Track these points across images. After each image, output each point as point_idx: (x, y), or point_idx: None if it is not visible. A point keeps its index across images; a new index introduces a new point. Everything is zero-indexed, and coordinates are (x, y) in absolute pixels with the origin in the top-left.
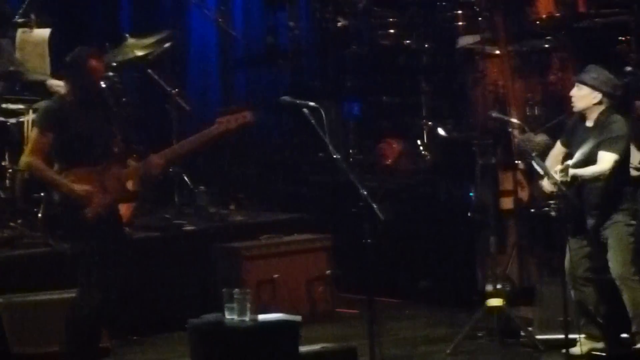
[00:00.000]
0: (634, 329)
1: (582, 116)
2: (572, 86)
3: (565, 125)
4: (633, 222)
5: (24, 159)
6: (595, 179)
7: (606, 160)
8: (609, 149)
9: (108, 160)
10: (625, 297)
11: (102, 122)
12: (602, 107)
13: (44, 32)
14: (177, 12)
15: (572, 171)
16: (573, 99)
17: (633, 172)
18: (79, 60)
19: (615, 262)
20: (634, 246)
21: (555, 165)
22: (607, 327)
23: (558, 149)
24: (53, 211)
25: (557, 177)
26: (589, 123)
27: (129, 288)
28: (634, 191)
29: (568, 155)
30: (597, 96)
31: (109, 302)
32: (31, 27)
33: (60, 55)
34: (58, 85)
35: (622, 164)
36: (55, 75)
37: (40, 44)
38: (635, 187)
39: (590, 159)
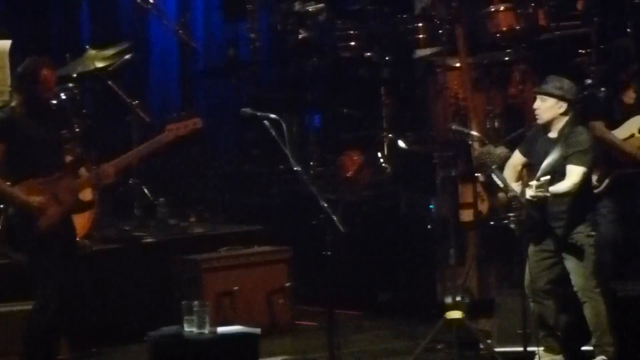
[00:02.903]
0: (594, 341)
1: (544, 127)
2: (533, 99)
3: (525, 135)
4: (593, 232)
5: None
6: (566, 193)
7: (575, 174)
8: (578, 162)
9: (60, 170)
10: (587, 310)
11: (52, 133)
12: (566, 117)
13: (4, 44)
14: (137, 24)
15: (552, 188)
16: (537, 112)
17: None
18: (31, 70)
19: (578, 275)
20: (596, 257)
21: (514, 175)
22: (566, 339)
23: (517, 158)
24: (11, 222)
25: (534, 192)
26: (553, 134)
27: (88, 300)
28: (595, 202)
29: (527, 166)
30: (563, 106)
31: (65, 313)
32: None
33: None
34: None
35: (589, 176)
36: None
37: (0, 55)
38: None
39: (556, 171)
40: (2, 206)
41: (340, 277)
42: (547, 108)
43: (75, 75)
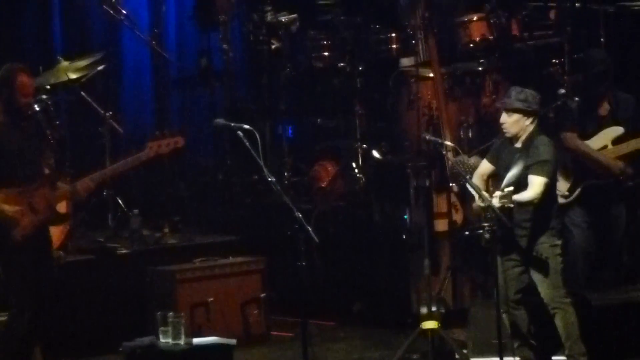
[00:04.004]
0: (567, 352)
1: (510, 138)
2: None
3: (492, 144)
4: (558, 242)
5: None
6: (528, 203)
7: (537, 184)
8: (539, 172)
9: (38, 181)
10: (557, 320)
11: (33, 143)
12: (531, 127)
13: None
14: (110, 34)
15: (515, 197)
16: (504, 126)
17: (560, 200)
18: (8, 77)
19: (545, 286)
20: (563, 266)
21: (481, 183)
22: (540, 348)
23: (484, 167)
24: None
25: (498, 202)
26: (518, 144)
27: (63, 310)
28: (560, 211)
29: (493, 176)
30: (529, 119)
31: (40, 322)
32: None
33: None
34: None
35: (551, 186)
36: None
37: None
38: (561, 212)
39: (520, 182)
40: None
41: (314, 288)
42: (514, 122)
43: (48, 86)
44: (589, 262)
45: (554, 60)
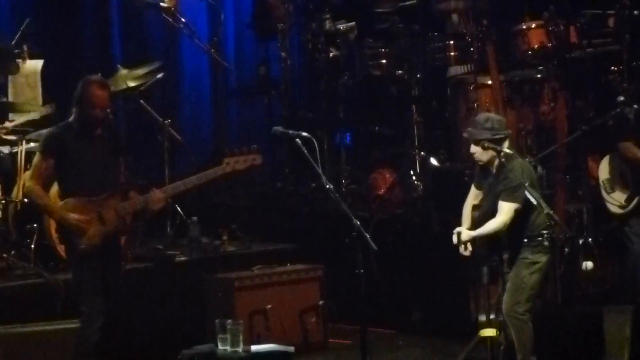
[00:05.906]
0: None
1: (484, 166)
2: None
3: (476, 170)
4: (540, 259)
5: (25, 182)
6: (497, 230)
7: (506, 210)
8: (508, 198)
9: (109, 191)
10: (513, 332)
11: (104, 153)
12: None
13: (37, 64)
14: (169, 43)
15: (472, 234)
16: (475, 156)
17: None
18: (83, 90)
19: (507, 296)
20: (532, 285)
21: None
22: None
23: (473, 192)
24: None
25: (455, 239)
26: (493, 169)
27: (122, 318)
28: (551, 231)
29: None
30: (499, 146)
31: (107, 329)
32: (24, 58)
33: (52, 86)
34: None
35: (527, 207)
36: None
37: (32, 74)
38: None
39: (495, 208)
40: (35, 225)
41: (373, 295)
42: (483, 151)
43: None
44: None
45: (612, 68)
